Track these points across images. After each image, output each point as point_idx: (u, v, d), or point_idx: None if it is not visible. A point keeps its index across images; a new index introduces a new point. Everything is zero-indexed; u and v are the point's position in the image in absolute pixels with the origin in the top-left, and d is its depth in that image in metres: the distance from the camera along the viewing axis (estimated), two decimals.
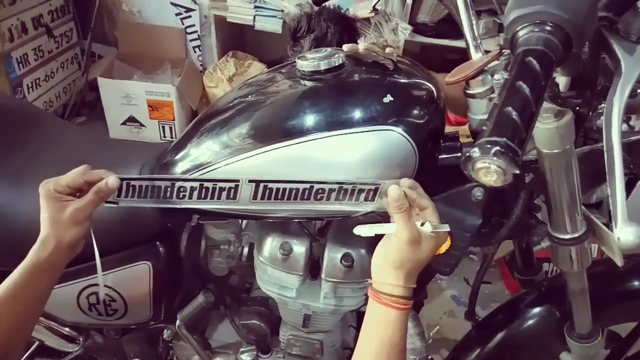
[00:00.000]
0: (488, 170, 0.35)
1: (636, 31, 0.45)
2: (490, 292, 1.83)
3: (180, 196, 0.70)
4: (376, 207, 0.68)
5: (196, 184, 0.69)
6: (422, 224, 0.64)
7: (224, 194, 0.69)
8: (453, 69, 0.70)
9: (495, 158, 0.34)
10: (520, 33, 0.41)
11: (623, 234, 0.42)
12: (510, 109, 0.35)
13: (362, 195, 0.67)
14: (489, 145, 0.34)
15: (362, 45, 0.83)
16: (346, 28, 1.65)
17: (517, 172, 0.35)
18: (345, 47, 0.83)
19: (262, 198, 0.68)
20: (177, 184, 0.70)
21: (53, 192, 0.67)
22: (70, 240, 0.67)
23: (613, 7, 0.44)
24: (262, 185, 0.67)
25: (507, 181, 0.36)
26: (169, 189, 0.70)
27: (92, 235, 0.71)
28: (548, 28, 0.39)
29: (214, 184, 0.69)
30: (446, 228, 0.65)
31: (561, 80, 0.53)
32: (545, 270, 1.09)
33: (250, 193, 0.68)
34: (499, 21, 0.63)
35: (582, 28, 0.40)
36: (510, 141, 0.34)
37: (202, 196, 0.70)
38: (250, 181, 0.68)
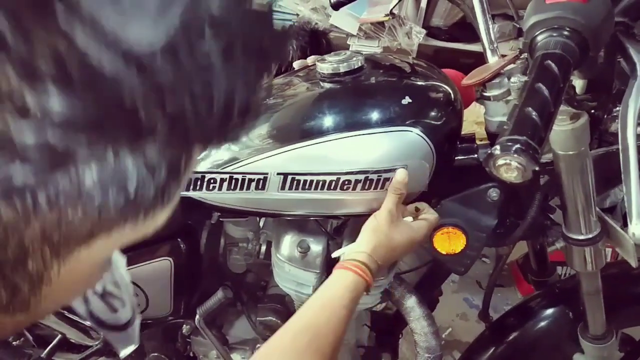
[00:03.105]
0: (509, 167, 0.37)
1: None
2: (503, 295, 1.83)
3: (210, 188, 0.74)
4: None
5: (226, 176, 0.72)
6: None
7: (253, 185, 0.72)
8: (466, 72, 0.71)
9: (516, 155, 0.36)
10: (539, 37, 0.42)
11: (639, 229, 0.43)
12: (530, 109, 0.37)
13: (388, 183, 0.70)
14: (510, 143, 0.36)
15: (310, 59, 0.86)
16: (314, 42, 1.70)
17: (537, 168, 0.36)
18: (296, 63, 0.86)
19: (290, 189, 0.71)
20: (207, 176, 0.73)
21: None
22: None
23: (629, 12, 0.46)
24: (290, 177, 0.70)
25: (527, 177, 0.38)
26: (199, 181, 0.73)
27: None
28: (566, 33, 0.41)
29: (243, 176, 0.72)
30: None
31: (577, 84, 0.54)
32: (559, 274, 1.09)
33: (278, 185, 0.71)
34: (518, 25, 0.64)
35: (599, 33, 0.42)
36: (530, 140, 0.36)
37: (232, 188, 0.73)
38: (278, 173, 0.71)
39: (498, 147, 0.37)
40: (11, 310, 0.26)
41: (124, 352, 0.54)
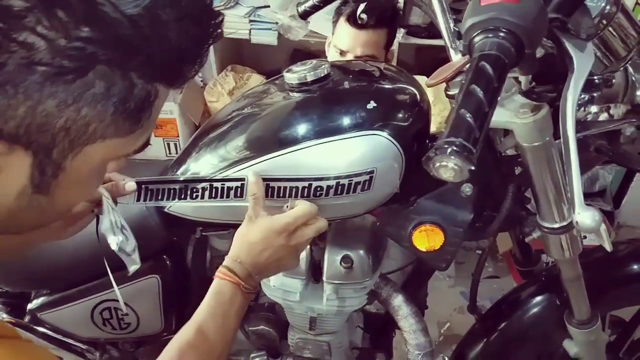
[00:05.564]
0: (446, 167, 0.39)
1: (585, 29, 0.48)
2: (499, 286, 1.84)
3: (194, 196, 0.77)
4: (371, 197, 0.73)
5: (206, 185, 0.76)
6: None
7: (232, 192, 0.75)
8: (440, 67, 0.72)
9: (452, 157, 0.37)
10: (476, 39, 0.44)
11: (581, 218, 0.44)
12: (464, 111, 0.38)
13: (359, 187, 0.71)
14: (446, 146, 0.37)
15: None
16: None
17: (472, 168, 0.38)
18: None
19: (266, 197, 0.73)
20: (190, 185, 0.77)
21: None
22: None
23: (562, 9, 0.47)
24: (264, 183, 0.73)
25: (464, 177, 0.39)
26: (182, 190, 0.77)
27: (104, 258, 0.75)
28: (501, 34, 0.42)
29: (222, 184, 0.75)
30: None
31: (522, 79, 0.55)
32: (544, 262, 1.11)
33: None
34: (457, 29, 0.65)
35: (533, 31, 0.43)
36: (465, 141, 0.37)
37: (213, 195, 0.76)
38: None
39: (435, 149, 0.38)
40: (37, 190, 0.39)
41: (132, 270, 0.71)
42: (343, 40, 1.32)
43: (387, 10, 1.29)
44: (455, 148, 0.37)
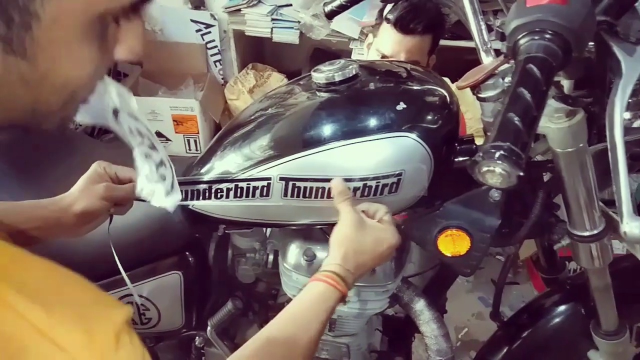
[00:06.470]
0: (493, 173, 0.37)
1: (635, 32, 0.46)
2: (519, 292, 1.82)
3: (218, 196, 0.76)
4: (398, 199, 0.72)
5: (232, 185, 0.75)
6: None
7: (257, 192, 0.74)
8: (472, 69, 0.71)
9: (499, 162, 0.36)
10: (521, 41, 0.43)
11: (629, 228, 0.43)
12: (512, 114, 0.37)
13: (386, 189, 0.70)
14: (493, 150, 0.36)
15: None
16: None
17: (521, 174, 0.37)
18: None
19: (292, 196, 0.73)
20: (214, 186, 0.76)
21: (102, 169, 0.73)
22: (82, 210, 0.70)
23: (611, 11, 0.46)
24: (291, 183, 0.72)
25: (512, 183, 0.38)
26: (207, 191, 0.76)
27: (114, 251, 0.75)
28: (547, 36, 0.41)
29: (247, 184, 0.74)
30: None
31: (565, 83, 0.54)
32: (569, 269, 1.08)
33: (281, 191, 0.73)
34: (500, 30, 0.64)
35: (581, 34, 0.42)
36: (513, 145, 0.36)
37: (238, 195, 0.75)
38: (281, 179, 0.73)
39: (482, 153, 0.37)
40: (11, 50, 0.31)
41: (173, 203, 0.65)
42: (387, 45, 1.29)
43: (435, 16, 1.27)
44: (503, 152, 0.36)
